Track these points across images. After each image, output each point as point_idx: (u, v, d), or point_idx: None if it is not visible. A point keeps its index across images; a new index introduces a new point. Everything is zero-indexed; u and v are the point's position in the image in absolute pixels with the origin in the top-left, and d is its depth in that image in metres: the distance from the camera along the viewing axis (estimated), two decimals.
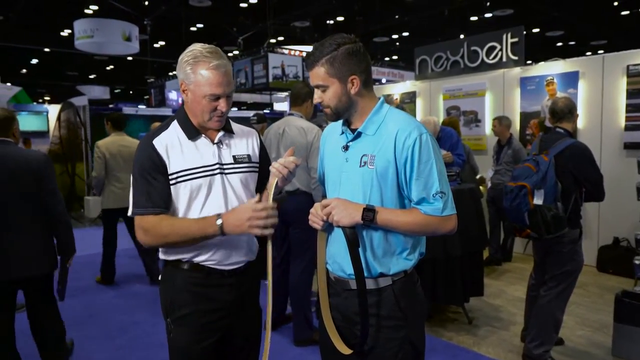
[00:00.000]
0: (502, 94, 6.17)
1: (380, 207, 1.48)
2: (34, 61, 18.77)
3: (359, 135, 1.54)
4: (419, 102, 7.25)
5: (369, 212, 1.45)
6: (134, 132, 11.38)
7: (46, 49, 16.54)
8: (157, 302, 1.83)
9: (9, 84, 10.57)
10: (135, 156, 1.63)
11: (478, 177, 5.50)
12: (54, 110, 9.55)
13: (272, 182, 1.58)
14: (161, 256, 1.69)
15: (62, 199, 2.72)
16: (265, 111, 19.27)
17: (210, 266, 1.65)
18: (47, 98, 23.11)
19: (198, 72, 1.56)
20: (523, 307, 3.38)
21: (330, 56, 1.47)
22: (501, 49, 6.28)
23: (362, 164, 1.50)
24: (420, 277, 1.66)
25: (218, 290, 1.67)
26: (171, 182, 1.61)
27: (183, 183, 1.60)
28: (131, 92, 26.65)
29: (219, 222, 1.53)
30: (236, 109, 24.73)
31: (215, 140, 1.68)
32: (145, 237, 1.59)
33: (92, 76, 22.25)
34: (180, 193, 1.61)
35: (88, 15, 12.11)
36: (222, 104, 1.60)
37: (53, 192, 2.65)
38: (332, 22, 14.96)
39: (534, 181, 2.81)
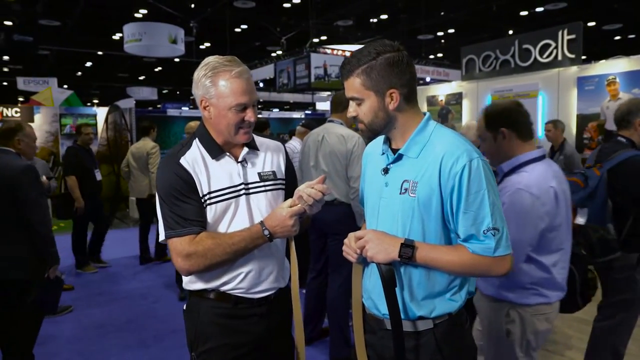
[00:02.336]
0: (557, 95, 5.79)
1: (421, 242, 1.31)
2: (88, 64, 19.52)
3: (400, 157, 1.37)
4: (466, 104, 6.94)
5: (407, 248, 1.28)
6: (179, 133, 11.66)
7: (99, 52, 17.15)
8: None
9: (65, 86, 11.03)
10: (160, 177, 1.52)
11: None
12: (102, 112, 9.84)
13: (295, 205, 1.47)
14: (185, 285, 1.60)
15: (41, 209, 2.68)
16: (306, 112, 19.30)
17: (238, 295, 1.54)
18: (95, 101, 24.00)
19: (219, 83, 1.45)
20: (581, 329, 3.09)
21: (367, 66, 1.31)
22: (556, 47, 5.89)
23: (403, 191, 1.33)
24: None
25: (246, 321, 1.56)
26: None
27: (210, 206, 1.50)
28: (178, 92, 27.33)
29: (266, 232, 1.46)
30: (277, 109, 24.98)
31: (240, 159, 1.57)
32: (186, 261, 1.44)
33: (141, 77, 22.96)
34: (206, 216, 1.51)
35: (137, 19, 12.45)
36: (249, 114, 1.49)
37: (27, 202, 2.61)
38: (375, 20, 14.71)
39: (579, 198, 2.46)
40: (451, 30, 15.80)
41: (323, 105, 18.56)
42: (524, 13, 13.26)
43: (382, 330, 1.40)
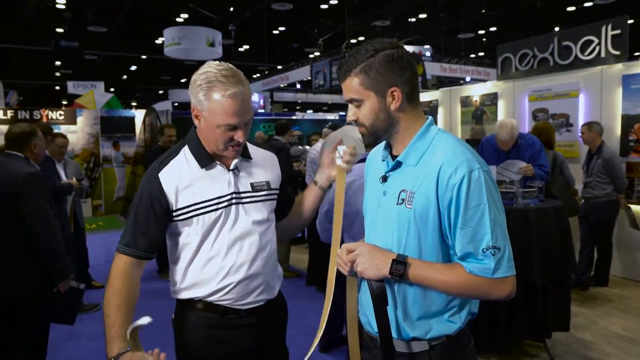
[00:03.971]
0: (599, 95, 5.45)
1: (415, 259, 1.21)
2: (133, 68, 20.23)
3: (399, 164, 1.28)
4: (501, 104, 6.66)
5: (399, 265, 1.19)
6: None
7: (143, 56, 17.73)
8: None
9: (112, 89, 11.48)
10: (140, 185, 1.51)
11: (579, 188, 4.85)
12: (140, 115, 10.15)
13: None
14: (172, 294, 1.57)
15: (46, 219, 2.44)
16: (340, 113, 19.18)
17: (226, 305, 1.49)
18: (133, 104, 24.80)
19: (212, 98, 1.38)
20: (621, 346, 2.85)
21: (365, 64, 1.23)
22: (599, 43, 5.54)
23: (400, 201, 1.24)
24: (494, 308, 1.35)
25: (235, 332, 1.51)
26: (181, 217, 1.47)
27: (195, 217, 1.46)
28: None
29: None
30: (311, 110, 25.01)
31: (231, 167, 1.51)
32: (109, 277, 1.44)
33: (183, 80, 23.59)
34: (192, 227, 1.47)
35: (178, 24, 12.78)
36: (238, 134, 1.43)
37: (30, 212, 2.39)
38: (413, 19, 14.47)
39: None
40: (493, 29, 15.33)
41: None
42: (571, 9, 12.66)
43: (377, 349, 1.31)
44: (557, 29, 13.47)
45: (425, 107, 7.62)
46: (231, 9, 13.31)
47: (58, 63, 18.10)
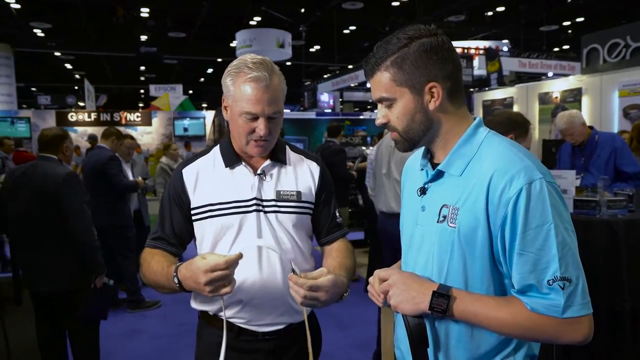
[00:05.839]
0: None
1: (460, 290, 1.01)
2: (209, 70, 21.08)
3: (440, 174, 1.08)
4: (586, 101, 6.05)
5: (440, 299, 0.99)
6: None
7: (219, 59, 18.42)
8: None
9: (190, 91, 12.04)
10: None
11: None
12: (210, 115, 10.50)
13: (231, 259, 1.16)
14: (191, 304, 1.47)
15: (84, 218, 2.57)
16: None
17: (241, 325, 1.36)
18: (204, 105, 25.80)
19: (238, 84, 1.30)
20: None
21: (398, 55, 1.02)
22: None
23: (441, 218, 1.04)
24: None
25: (251, 356, 1.37)
26: (196, 217, 1.38)
27: (209, 219, 1.35)
28: (287, 94, 28.51)
29: (176, 279, 1.23)
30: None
31: (259, 171, 1.38)
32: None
33: None
34: (207, 231, 1.37)
35: (251, 27, 13.12)
36: (260, 127, 1.30)
37: (71, 211, 2.53)
38: (490, 13, 13.74)
39: None
40: (580, 19, 14.17)
41: None
42: None
43: None
44: None
45: (499, 106, 7.12)
46: (302, 10, 13.43)
47: (142, 68, 19.31)
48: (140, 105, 22.13)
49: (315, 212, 1.45)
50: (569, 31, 15.46)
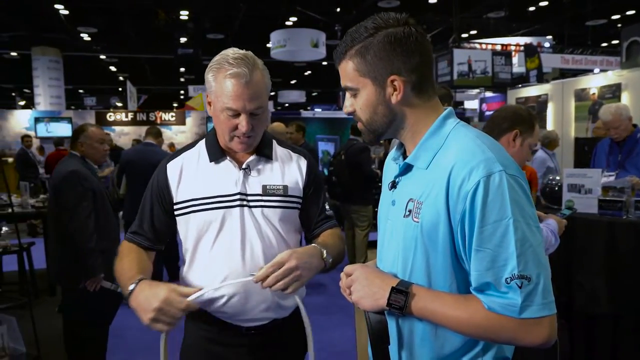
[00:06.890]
0: None
1: (422, 287, 0.97)
2: None
3: (409, 167, 1.04)
4: (626, 97, 5.71)
5: (398, 295, 0.96)
6: (311, 134, 12.08)
7: None
8: None
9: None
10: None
11: None
12: None
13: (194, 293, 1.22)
14: None
15: (78, 218, 2.52)
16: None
17: (224, 320, 1.36)
18: None
19: (219, 80, 1.29)
20: None
21: (362, 45, 1.00)
22: None
23: (407, 212, 1.01)
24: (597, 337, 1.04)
25: (233, 351, 1.37)
26: (179, 212, 1.38)
27: (192, 214, 1.35)
28: (325, 94, 28.51)
29: (132, 286, 1.23)
30: None
31: (243, 165, 1.38)
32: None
33: (293, 81, 24.39)
34: (190, 226, 1.37)
35: (287, 27, 13.22)
36: (242, 123, 1.29)
37: (66, 208, 2.54)
38: (533, 8, 13.26)
39: None
40: (630, 12, 13.43)
41: (471, 104, 17.37)
42: None
43: None
44: None
45: (533, 103, 6.85)
46: (337, 9, 13.40)
47: (182, 69, 19.82)
48: (175, 105, 22.74)
49: (303, 207, 1.43)
50: (619, 25, 14.69)
